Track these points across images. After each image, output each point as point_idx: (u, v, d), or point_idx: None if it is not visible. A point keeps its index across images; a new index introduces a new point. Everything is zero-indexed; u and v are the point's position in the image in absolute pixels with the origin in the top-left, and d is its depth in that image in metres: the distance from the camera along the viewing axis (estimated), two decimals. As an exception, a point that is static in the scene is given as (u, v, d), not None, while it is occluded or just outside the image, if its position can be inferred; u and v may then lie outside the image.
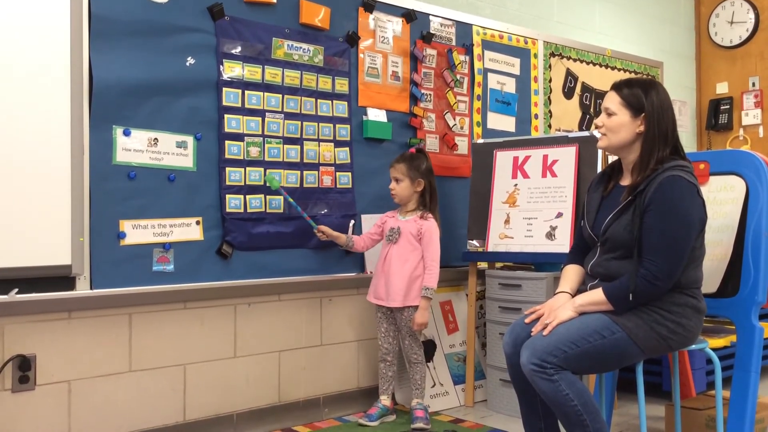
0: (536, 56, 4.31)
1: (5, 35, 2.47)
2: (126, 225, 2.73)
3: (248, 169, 3.07)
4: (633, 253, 2.24)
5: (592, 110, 4.65)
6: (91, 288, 2.66)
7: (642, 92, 2.34)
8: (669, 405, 2.96)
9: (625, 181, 2.40)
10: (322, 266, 3.31)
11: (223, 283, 3.00)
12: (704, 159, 2.89)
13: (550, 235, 3.36)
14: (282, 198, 3.14)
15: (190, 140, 2.92)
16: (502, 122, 4.12)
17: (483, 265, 3.77)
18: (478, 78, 3.99)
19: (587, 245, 2.48)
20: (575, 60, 4.56)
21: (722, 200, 2.78)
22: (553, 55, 4.42)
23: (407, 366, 3.33)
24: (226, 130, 3.01)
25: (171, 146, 2.86)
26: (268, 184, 3.06)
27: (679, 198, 2.22)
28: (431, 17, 3.78)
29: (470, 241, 3.65)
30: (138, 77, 2.76)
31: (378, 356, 3.35)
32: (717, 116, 5.86)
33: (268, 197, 3.12)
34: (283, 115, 3.19)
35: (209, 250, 2.96)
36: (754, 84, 5.73)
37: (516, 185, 3.54)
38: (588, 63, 4.64)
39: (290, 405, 3.31)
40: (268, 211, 3.12)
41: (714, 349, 2.92)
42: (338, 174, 3.36)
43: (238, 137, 3.04)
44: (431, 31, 3.77)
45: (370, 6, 3.51)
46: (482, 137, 3.93)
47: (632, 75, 4.88)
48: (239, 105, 3.05)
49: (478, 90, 4.00)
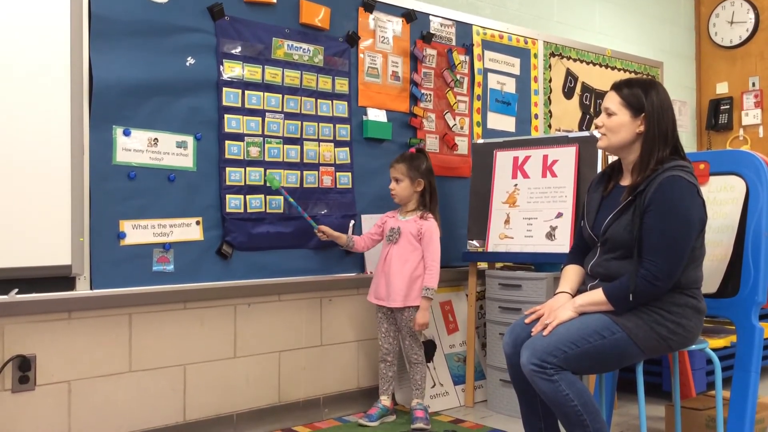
0: (536, 56, 4.31)
1: (5, 35, 2.47)
2: (126, 225, 2.73)
3: (248, 169, 3.07)
4: (633, 254, 2.24)
5: (592, 110, 4.65)
6: (91, 288, 2.66)
7: (642, 92, 2.34)
8: (669, 405, 2.96)
9: (625, 181, 2.40)
10: (322, 266, 3.31)
11: (223, 283, 3.00)
12: (704, 159, 2.89)
13: (550, 235, 3.36)
14: (282, 198, 3.14)
15: (190, 140, 2.92)
16: (502, 122, 4.12)
17: (483, 265, 3.77)
18: (478, 78, 3.99)
19: (587, 245, 2.48)
20: (575, 60, 4.56)
21: (722, 200, 2.78)
22: (553, 55, 4.42)
23: (407, 366, 3.33)
24: (226, 130, 3.01)
25: (171, 146, 2.86)
26: (269, 184, 3.06)
27: (679, 198, 2.22)
28: (431, 17, 3.78)
29: (470, 241, 3.65)
30: (138, 77, 2.76)
31: (378, 356, 3.35)
32: (717, 116, 5.86)
33: (268, 197, 3.12)
34: (283, 115, 3.19)
35: (209, 250, 2.96)
36: (754, 84, 5.73)
37: (516, 185, 3.54)
38: (588, 63, 4.64)
39: (290, 405, 3.31)
40: (268, 212, 3.12)
41: (714, 349, 2.92)
42: (338, 174, 3.36)
43: (238, 137, 3.04)
44: (431, 31, 3.77)
45: (370, 6, 3.51)
46: (482, 137, 3.93)
47: (632, 75, 4.88)
48: (239, 105, 3.05)
49: (478, 90, 4.00)
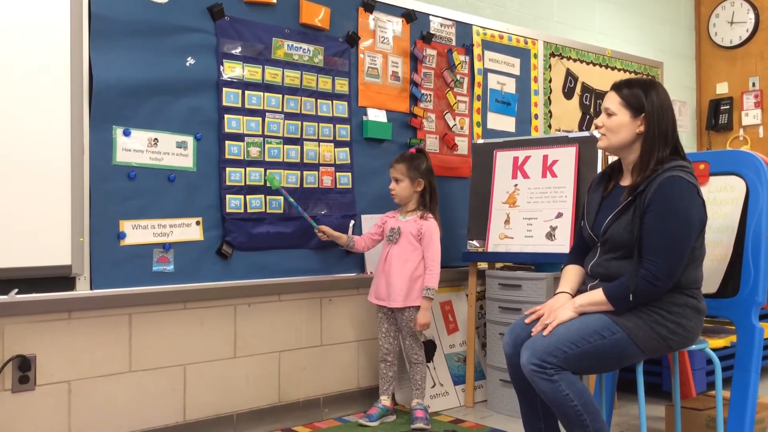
0: (536, 56, 4.31)
1: (5, 35, 2.47)
2: (126, 225, 2.73)
3: (248, 170, 3.07)
4: (633, 254, 2.24)
5: (592, 110, 4.65)
6: (91, 288, 2.66)
7: (642, 92, 2.34)
8: (669, 405, 2.96)
9: (625, 182, 2.40)
10: (323, 266, 3.31)
11: (223, 284, 3.00)
12: (704, 159, 2.89)
13: (550, 236, 3.36)
14: (282, 198, 3.14)
15: (190, 140, 2.92)
16: (502, 122, 4.12)
17: (483, 266, 3.77)
18: (478, 78, 3.99)
19: (587, 245, 2.48)
20: (575, 60, 4.56)
21: (722, 200, 2.78)
22: (553, 55, 4.42)
23: (407, 366, 3.33)
24: (226, 130, 3.01)
25: (171, 146, 2.86)
26: (269, 184, 3.06)
27: (679, 198, 2.22)
28: (431, 17, 3.78)
29: (470, 242, 3.65)
30: (138, 77, 2.76)
31: (378, 356, 3.35)
32: (717, 116, 5.86)
33: (268, 197, 3.12)
34: (283, 116, 3.19)
35: (209, 250, 2.96)
36: (754, 84, 5.73)
37: (516, 185, 3.54)
38: (588, 63, 4.64)
39: (290, 405, 3.31)
40: (268, 212, 3.12)
41: (714, 350, 2.92)
42: (338, 174, 3.36)
43: (238, 137, 3.04)
44: (431, 31, 3.77)
45: (370, 6, 3.51)
46: (482, 137, 3.93)
47: (632, 75, 4.88)
48: (239, 105, 3.05)
49: (478, 90, 4.00)
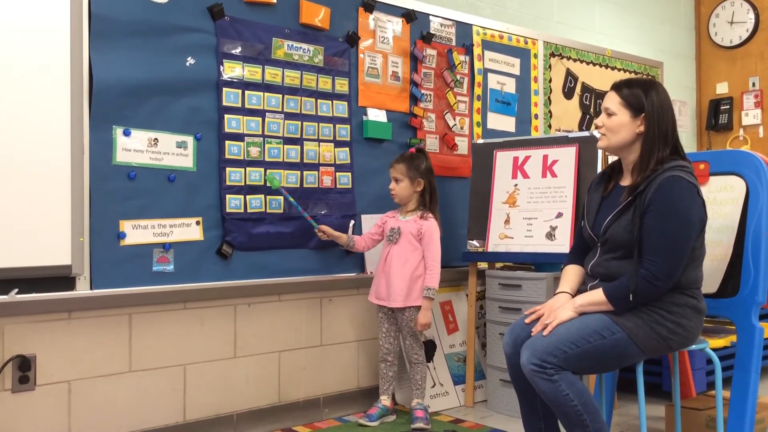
0: (536, 56, 4.31)
1: (5, 35, 2.47)
2: (126, 225, 2.73)
3: (248, 169, 3.07)
4: (633, 254, 2.24)
5: (592, 110, 4.65)
6: (91, 288, 2.66)
7: (642, 92, 2.34)
8: (669, 405, 2.96)
9: (625, 182, 2.40)
10: (323, 266, 3.31)
11: (223, 283, 3.00)
12: (704, 159, 2.89)
13: (550, 235, 3.36)
14: (282, 198, 3.14)
15: (190, 140, 2.92)
16: (502, 122, 4.12)
17: (483, 266, 3.77)
18: (478, 78, 3.99)
19: (587, 245, 2.48)
20: (575, 60, 4.56)
21: (722, 200, 2.78)
22: (553, 55, 4.42)
23: (408, 366, 3.33)
24: (226, 130, 3.01)
25: (171, 146, 2.86)
26: (269, 184, 3.06)
27: (679, 198, 2.22)
28: (431, 17, 3.78)
29: (470, 241, 3.65)
30: (138, 77, 2.76)
31: (379, 356, 3.35)
32: (717, 116, 5.86)
33: (268, 197, 3.12)
34: (283, 115, 3.19)
35: (209, 250, 2.96)
36: (754, 84, 5.73)
37: (516, 185, 3.54)
38: (588, 63, 4.64)
39: (290, 405, 3.31)
40: (268, 212, 3.12)
41: (714, 349, 2.92)
42: (338, 174, 3.36)
43: (238, 137, 3.04)
44: (431, 31, 3.77)
45: (370, 6, 3.51)
46: (482, 137, 3.93)
47: (632, 75, 4.88)
48: (239, 105, 3.05)
49: (478, 90, 4.00)
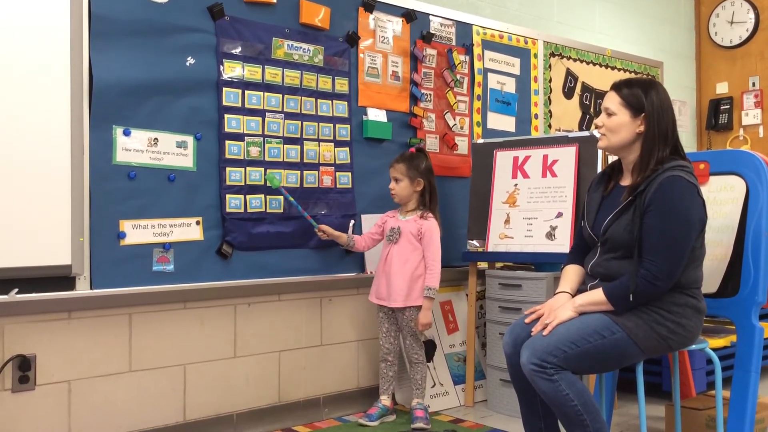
0: (536, 56, 4.31)
1: (5, 35, 2.47)
2: (126, 225, 2.73)
3: (248, 169, 3.07)
4: (633, 254, 2.24)
5: (592, 110, 4.65)
6: (91, 288, 2.66)
7: (642, 92, 2.34)
8: (669, 405, 2.96)
9: (625, 182, 2.40)
10: (323, 266, 3.31)
11: (223, 283, 3.00)
12: (704, 159, 2.89)
13: (550, 235, 3.36)
14: (282, 198, 3.14)
15: (190, 140, 2.92)
16: (502, 122, 4.12)
17: (483, 265, 3.77)
18: (478, 78, 3.99)
19: (587, 245, 2.48)
20: (575, 60, 4.56)
21: (722, 200, 2.78)
22: (553, 55, 4.42)
23: (408, 366, 3.33)
24: (226, 130, 3.01)
25: (171, 146, 2.86)
26: (269, 183, 3.06)
27: (679, 198, 2.22)
28: (431, 17, 3.78)
29: (470, 241, 3.65)
30: (138, 77, 2.76)
31: (379, 356, 3.35)
32: (717, 116, 5.86)
33: (269, 197, 3.12)
34: (283, 115, 3.19)
35: (209, 250, 2.96)
36: (754, 84, 5.73)
37: (516, 185, 3.54)
38: (588, 63, 4.64)
39: (290, 405, 3.31)
40: (268, 211, 3.12)
41: (714, 349, 2.92)
42: (338, 174, 3.36)
43: (239, 137, 3.04)
44: (431, 31, 3.77)
45: (370, 6, 3.51)
46: (482, 137, 3.93)
47: (632, 75, 4.88)
48: (239, 105, 3.05)
49: (478, 90, 4.00)
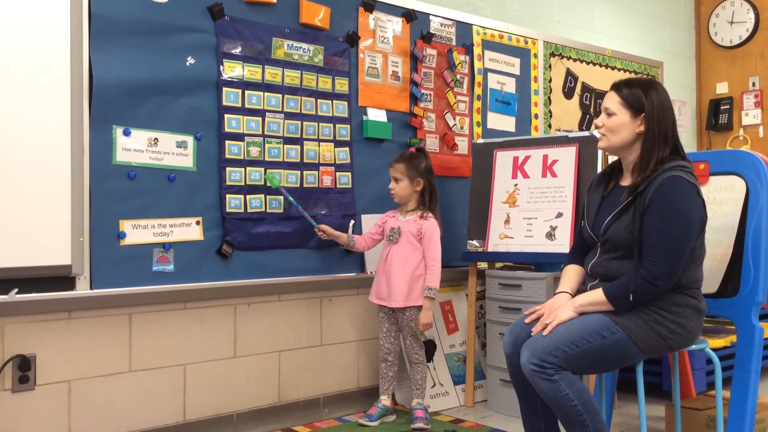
0: (536, 56, 4.31)
1: (5, 35, 2.47)
2: (126, 225, 2.73)
3: (248, 169, 3.07)
4: (633, 254, 2.24)
5: (592, 110, 4.65)
6: (91, 288, 2.66)
7: (642, 92, 2.34)
8: (669, 405, 2.96)
9: (625, 182, 2.40)
10: (323, 266, 3.31)
11: (223, 283, 3.00)
12: (704, 159, 2.89)
13: (550, 235, 3.36)
14: (282, 198, 3.14)
15: (190, 140, 2.92)
16: (502, 122, 4.12)
17: (483, 265, 3.77)
18: (478, 78, 3.99)
19: (587, 245, 2.48)
20: (575, 60, 4.56)
21: (722, 200, 2.78)
22: (553, 55, 4.42)
23: (408, 366, 3.33)
24: (226, 130, 3.01)
25: (171, 146, 2.86)
26: (269, 183, 3.06)
27: (679, 198, 2.22)
28: (431, 17, 3.78)
29: (470, 241, 3.65)
30: (138, 77, 2.76)
31: (379, 356, 3.35)
32: (717, 116, 5.86)
33: (269, 197, 3.12)
34: (283, 115, 3.19)
35: (209, 250, 2.96)
36: (754, 84, 5.73)
37: (516, 185, 3.54)
38: (588, 63, 4.64)
39: (290, 405, 3.31)
40: (268, 211, 3.12)
41: (714, 349, 2.92)
42: (338, 174, 3.36)
43: (239, 137, 3.04)
44: (431, 31, 3.77)
45: (370, 6, 3.51)
46: (482, 137, 3.93)
47: (632, 75, 4.88)
48: (239, 105, 3.05)
49: (478, 90, 4.00)
